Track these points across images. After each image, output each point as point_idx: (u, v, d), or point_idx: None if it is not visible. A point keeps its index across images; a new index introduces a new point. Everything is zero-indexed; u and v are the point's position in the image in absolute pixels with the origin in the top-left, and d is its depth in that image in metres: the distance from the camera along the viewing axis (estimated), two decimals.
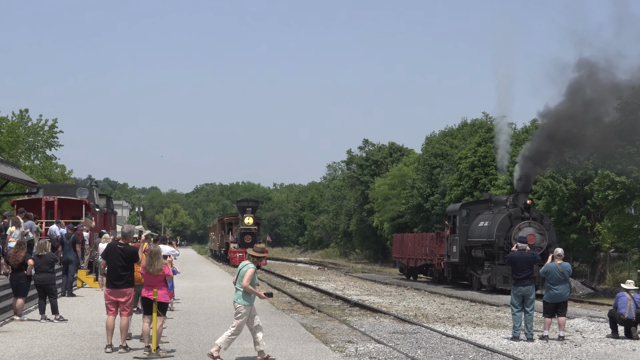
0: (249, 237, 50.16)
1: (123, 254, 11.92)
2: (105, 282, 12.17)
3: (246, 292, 11.15)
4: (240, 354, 11.85)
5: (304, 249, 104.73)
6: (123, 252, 11.94)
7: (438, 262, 34.60)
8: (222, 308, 19.31)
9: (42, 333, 13.72)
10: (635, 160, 29.23)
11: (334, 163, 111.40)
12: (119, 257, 11.89)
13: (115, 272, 11.91)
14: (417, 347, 13.60)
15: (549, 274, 15.13)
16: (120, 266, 11.88)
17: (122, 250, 11.97)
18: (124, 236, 12.26)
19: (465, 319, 19.17)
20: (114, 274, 11.93)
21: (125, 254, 11.94)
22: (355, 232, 73.42)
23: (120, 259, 11.87)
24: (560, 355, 13.19)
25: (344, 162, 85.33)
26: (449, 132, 59.66)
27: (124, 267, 11.91)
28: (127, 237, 12.24)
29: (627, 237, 31.21)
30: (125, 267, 11.92)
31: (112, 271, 11.97)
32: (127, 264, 11.94)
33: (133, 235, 12.69)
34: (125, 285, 11.91)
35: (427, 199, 52.42)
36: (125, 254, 11.94)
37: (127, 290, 11.96)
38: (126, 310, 11.93)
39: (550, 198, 35.58)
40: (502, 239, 27.87)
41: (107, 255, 12.15)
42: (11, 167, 24.37)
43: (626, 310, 15.50)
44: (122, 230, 12.45)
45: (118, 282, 11.89)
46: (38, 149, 52.17)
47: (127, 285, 11.94)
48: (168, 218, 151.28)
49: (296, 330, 15.09)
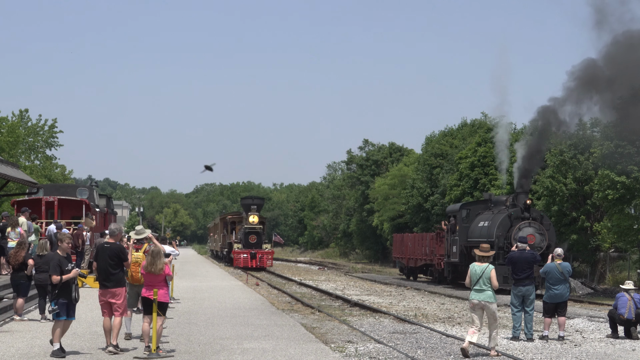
0: (254, 237, 46.66)
1: (110, 253, 11.74)
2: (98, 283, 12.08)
3: (494, 290, 12.66)
4: (241, 354, 11.85)
5: (304, 249, 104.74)
6: (110, 251, 11.75)
7: (438, 262, 34.60)
8: (222, 308, 19.32)
9: (42, 333, 13.72)
10: (635, 160, 29.23)
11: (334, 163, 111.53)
12: (106, 256, 11.71)
13: (104, 272, 11.75)
14: (417, 347, 13.60)
15: (548, 274, 15.13)
16: (109, 265, 11.69)
17: (109, 249, 11.79)
18: (112, 234, 12.10)
19: (465, 319, 19.17)
20: (102, 275, 11.79)
21: (111, 252, 11.75)
22: (355, 232, 73.41)
23: (108, 259, 11.68)
24: (560, 355, 13.19)
25: (344, 162, 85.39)
26: (449, 132, 59.63)
27: (112, 267, 11.70)
28: (114, 236, 12.06)
29: (627, 237, 31.21)
30: (113, 267, 11.71)
31: (101, 271, 11.82)
32: (115, 263, 11.72)
33: (121, 233, 12.53)
34: (114, 286, 11.72)
35: (427, 199, 52.41)
36: (111, 252, 11.75)
37: (117, 290, 11.75)
38: (118, 310, 11.77)
39: (550, 198, 35.58)
40: (502, 239, 27.87)
41: (96, 256, 12.01)
42: (11, 167, 24.37)
43: (626, 311, 15.50)
44: (110, 228, 12.35)
45: (107, 283, 11.74)
46: (38, 149, 52.14)
47: (116, 285, 11.74)
48: (168, 218, 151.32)
49: (296, 330, 15.09)
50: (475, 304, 12.81)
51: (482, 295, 12.74)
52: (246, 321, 16.36)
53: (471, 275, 12.91)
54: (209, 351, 12.07)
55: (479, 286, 12.78)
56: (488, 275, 12.72)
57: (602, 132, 32.97)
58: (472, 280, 12.90)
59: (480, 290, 12.76)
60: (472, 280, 12.90)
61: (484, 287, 12.73)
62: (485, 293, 12.72)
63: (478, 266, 12.94)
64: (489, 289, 12.72)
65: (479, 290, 12.78)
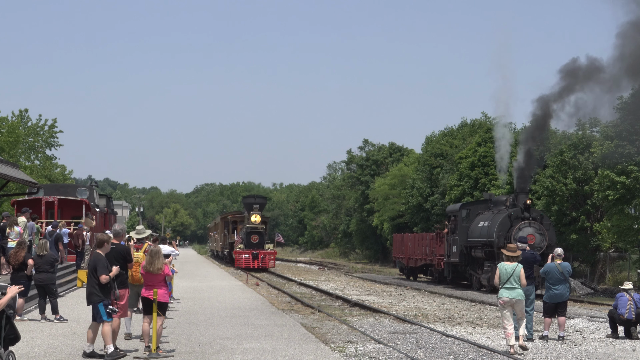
0: (256, 237, 45.48)
1: (115, 254, 11.65)
2: None
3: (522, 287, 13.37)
4: (241, 354, 11.85)
5: (304, 249, 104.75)
6: (115, 252, 11.68)
7: (438, 262, 34.60)
8: (222, 308, 19.32)
9: (42, 333, 13.72)
10: (635, 160, 29.24)
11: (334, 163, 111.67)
12: (111, 257, 11.61)
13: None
14: (417, 347, 13.60)
15: (548, 274, 15.13)
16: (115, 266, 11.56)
17: (115, 250, 11.70)
18: (116, 235, 12.03)
19: (465, 319, 19.18)
20: None
21: (117, 253, 11.69)
22: (355, 232, 73.43)
23: (113, 260, 11.59)
24: (560, 355, 13.20)
25: (344, 162, 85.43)
26: (449, 132, 59.65)
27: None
28: (119, 237, 12.01)
29: (627, 237, 31.22)
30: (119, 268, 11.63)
31: None
32: (120, 264, 11.67)
33: (125, 234, 12.48)
34: (118, 286, 11.64)
35: (427, 199, 52.43)
36: (117, 253, 11.69)
37: (121, 291, 11.73)
38: (120, 312, 11.75)
39: (550, 198, 35.59)
40: (502, 239, 27.86)
41: None
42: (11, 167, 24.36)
43: (626, 311, 15.50)
44: (114, 229, 12.26)
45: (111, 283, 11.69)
46: (38, 149, 52.15)
47: (119, 286, 11.69)
48: (168, 218, 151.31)
49: (296, 330, 15.09)
50: (507, 301, 13.29)
51: (513, 293, 13.29)
52: (246, 321, 16.36)
53: (501, 274, 13.44)
54: (209, 351, 12.06)
55: (509, 284, 13.33)
56: (518, 274, 13.35)
57: (602, 132, 32.98)
58: (501, 279, 13.40)
59: (512, 288, 13.32)
60: (501, 279, 13.40)
61: (515, 285, 13.31)
62: (516, 291, 13.30)
63: (508, 265, 13.47)
64: (519, 287, 13.33)
65: (510, 288, 13.32)
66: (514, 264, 13.48)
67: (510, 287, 13.32)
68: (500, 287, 13.45)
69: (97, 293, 11.17)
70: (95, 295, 11.14)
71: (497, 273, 13.52)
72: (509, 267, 13.43)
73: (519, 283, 13.34)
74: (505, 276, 13.37)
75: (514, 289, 13.31)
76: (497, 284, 13.58)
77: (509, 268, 13.41)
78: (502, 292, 13.35)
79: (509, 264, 13.51)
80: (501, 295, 13.36)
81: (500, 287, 13.43)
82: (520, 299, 13.34)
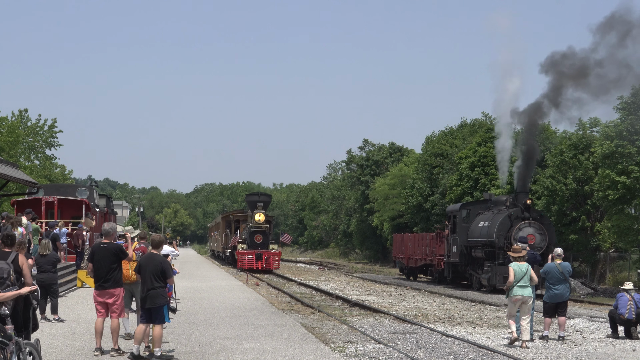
0: (260, 237, 43.28)
1: (107, 253, 11.61)
2: (94, 283, 11.97)
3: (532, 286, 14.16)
4: (241, 354, 11.85)
5: (304, 249, 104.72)
6: (108, 251, 11.63)
7: (438, 262, 34.59)
8: (222, 308, 19.31)
9: (42, 333, 13.67)
10: (636, 160, 29.23)
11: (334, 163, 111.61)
12: (104, 257, 11.58)
13: (102, 272, 11.61)
14: (417, 347, 13.59)
15: (548, 274, 15.13)
16: (108, 266, 11.58)
17: (107, 249, 11.66)
18: (106, 234, 11.92)
19: (465, 319, 19.17)
20: (100, 275, 11.64)
21: (109, 252, 11.63)
22: (355, 232, 73.42)
23: (106, 259, 11.56)
24: (560, 355, 13.19)
25: (344, 162, 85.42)
26: (449, 132, 59.66)
27: (111, 267, 11.61)
28: (109, 235, 11.90)
29: (627, 237, 31.22)
30: (112, 267, 11.62)
31: (98, 272, 11.66)
32: (114, 262, 11.63)
33: (115, 232, 12.43)
34: (112, 286, 11.63)
35: (427, 199, 52.42)
36: (109, 252, 11.63)
37: (115, 290, 11.68)
38: (116, 312, 11.69)
39: (550, 198, 35.59)
40: (502, 239, 27.86)
41: (92, 257, 11.82)
42: (11, 167, 24.35)
43: (626, 311, 15.49)
44: (104, 228, 12.14)
45: (105, 283, 11.62)
46: (38, 149, 52.16)
47: (114, 285, 11.65)
48: (168, 218, 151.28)
49: (296, 330, 15.08)
50: (519, 299, 14.04)
51: (526, 291, 14.05)
52: (246, 321, 16.35)
53: (516, 273, 14.07)
54: (209, 351, 12.06)
55: (523, 283, 14.04)
56: (530, 273, 14.11)
57: (602, 132, 32.98)
58: (516, 278, 14.02)
59: (525, 286, 14.05)
60: (516, 278, 14.02)
61: (527, 283, 14.06)
62: (528, 289, 14.08)
63: (521, 265, 14.17)
64: (529, 285, 14.09)
65: (523, 287, 14.05)
66: (525, 264, 14.18)
67: (523, 285, 14.02)
68: (513, 286, 14.03)
69: (165, 295, 11.24)
70: (162, 297, 11.17)
71: (512, 272, 14.09)
72: (523, 266, 14.12)
73: (529, 282, 14.03)
74: (519, 275, 14.01)
75: (526, 288, 14.02)
76: (511, 282, 14.07)
77: (523, 267, 14.09)
78: (516, 290, 14.02)
79: (520, 263, 14.17)
80: (515, 294, 14.01)
81: (514, 285, 14.04)
82: (531, 296, 14.11)
